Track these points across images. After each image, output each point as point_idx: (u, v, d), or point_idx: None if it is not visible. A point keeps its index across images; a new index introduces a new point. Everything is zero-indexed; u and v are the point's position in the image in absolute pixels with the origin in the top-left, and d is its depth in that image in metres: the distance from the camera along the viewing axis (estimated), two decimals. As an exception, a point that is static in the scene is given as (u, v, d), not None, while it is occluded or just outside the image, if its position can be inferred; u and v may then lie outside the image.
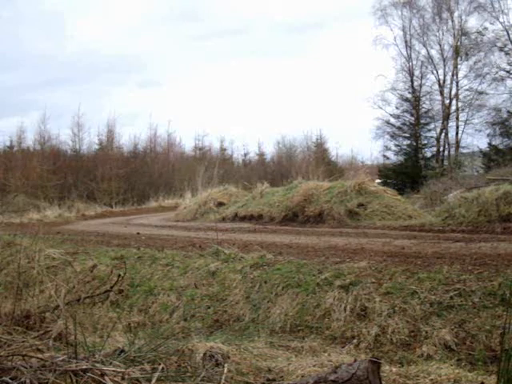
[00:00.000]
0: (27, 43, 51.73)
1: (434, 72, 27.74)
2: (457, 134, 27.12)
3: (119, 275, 6.26)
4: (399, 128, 28.62)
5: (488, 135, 25.29)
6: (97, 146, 33.52)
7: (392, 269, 5.31)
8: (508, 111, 24.56)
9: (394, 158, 28.86)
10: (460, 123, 27.03)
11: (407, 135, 28.59)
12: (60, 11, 54.41)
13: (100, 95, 55.10)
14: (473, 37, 25.66)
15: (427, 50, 27.80)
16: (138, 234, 11.35)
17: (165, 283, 6.34)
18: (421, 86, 28.13)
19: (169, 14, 59.17)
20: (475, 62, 25.81)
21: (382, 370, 2.54)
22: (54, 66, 52.54)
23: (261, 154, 42.39)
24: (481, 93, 25.75)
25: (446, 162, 26.57)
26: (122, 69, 58.32)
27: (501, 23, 24.32)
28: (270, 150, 45.86)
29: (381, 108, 28.63)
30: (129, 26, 57.14)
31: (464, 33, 26.08)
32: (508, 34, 24.15)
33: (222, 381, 2.80)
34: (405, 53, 28.23)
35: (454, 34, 26.47)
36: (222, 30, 61.76)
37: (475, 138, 30.01)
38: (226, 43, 60.74)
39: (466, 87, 26.80)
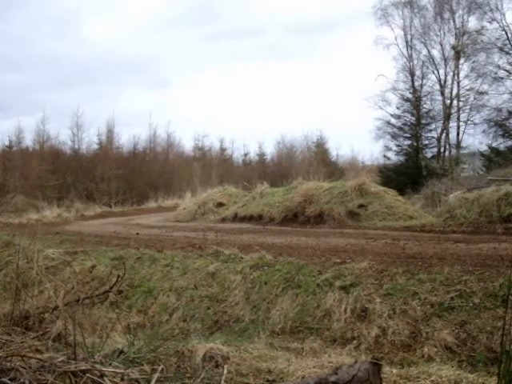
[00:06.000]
0: (34, 44, 51.80)
1: (435, 72, 27.70)
2: (458, 134, 27.11)
3: (118, 276, 6.24)
4: (400, 128, 28.57)
5: (489, 135, 25.29)
6: (96, 146, 33.57)
7: (393, 270, 5.30)
8: (509, 111, 24.53)
9: (394, 158, 28.82)
10: (461, 123, 27.03)
11: (408, 135, 28.55)
12: (70, 12, 54.40)
13: (101, 95, 55.13)
14: (472, 37, 25.65)
15: (428, 50, 27.76)
16: (138, 234, 11.34)
17: (164, 284, 6.33)
18: (422, 86, 28.08)
19: (171, 17, 59.24)
20: (474, 62, 25.81)
21: (382, 371, 2.52)
22: (57, 66, 52.61)
23: (261, 154, 42.38)
24: (481, 93, 25.74)
25: (447, 163, 26.53)
26: (124, 69, 58.33)
27: (498, 23, 24.33)
28: (270, 151, 45.71)
29: (381, 108, 28.55)
30: (132, 27, 57.12)
31: (464, 33, 26.07)
32: (506, 34, 24.15)
33: (222, 382, 2.79)
34: (406, 53, 28.17)
35: (456, 34, 26.46)
36: (223, 32, 61.80)
37: (476, 139, 30.00)
38: (226, 45, 60.80)
39: (467, 87, 26.80)
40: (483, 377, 3.26)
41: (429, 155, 27.86)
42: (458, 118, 27.06)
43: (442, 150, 27.45)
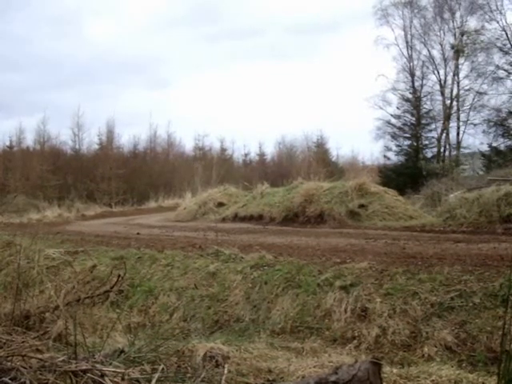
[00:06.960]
0: (34, 44, 51.84)
1: (435, 72, 27.70)
2: (458, 134, 27.10)
3: (119, 275, 6.25)
4: (400, 128, 28.56)
5: (489, 135, 25.27)
6: (97, 146, 33.62)
7: (393, 269, 5.30)
8: (509, 111, 24.50)
9: (394, 158, 28.83)
10: (461, 123, 27.02)
11: (408, 136, 28.54)
12: (70, 12, 54.41)
13: (101, 95, 55.17)
14: (471, 36, 25.65)
15: (428, 50, 27.77)
16: (138, 234, 11.34)
17: (165, 284, 6.33)
18: (422, 86, 28.08)
19: (171, 17, 59.27)
20: (474, 62, 25.82)
21: (382, 370, 2.53)
22: (57, 66, 52.66)
23: (261, 154, 42.40)
24: (481, 93, 25.73)
25: (447, 163, 26.51)
26: (124, 69, 58.38)
27: (498, 23, 24.32)
28: (270, 150, 45.69)
29: (381, 108, 28.55)
30: (132, 27, 57.12)
31: (463, 33, 26.07)
32: (506, 34, 24.13)
33: (222, 382, 2.79)
34: (406, 53, 28.18)
35: (455, 34, 26.45)
36: (223, 32, 61.79)
37: (476, 139, 29.91)
38: (226, 45, 60.80)
39: (467, 87, 26.78)
40: (483, 376, 3.26)
41: (429, 155, 27.87)
42: (458, 118, 27.06)
43: (442, 150, 27.46)
